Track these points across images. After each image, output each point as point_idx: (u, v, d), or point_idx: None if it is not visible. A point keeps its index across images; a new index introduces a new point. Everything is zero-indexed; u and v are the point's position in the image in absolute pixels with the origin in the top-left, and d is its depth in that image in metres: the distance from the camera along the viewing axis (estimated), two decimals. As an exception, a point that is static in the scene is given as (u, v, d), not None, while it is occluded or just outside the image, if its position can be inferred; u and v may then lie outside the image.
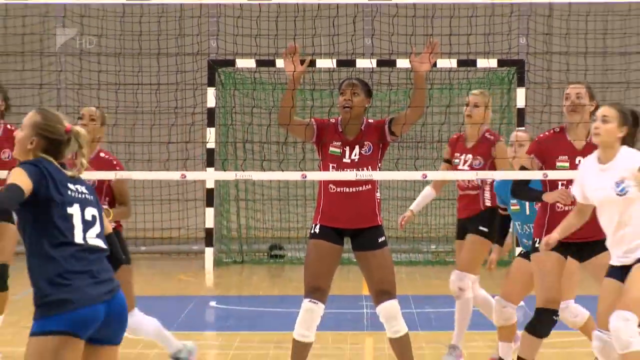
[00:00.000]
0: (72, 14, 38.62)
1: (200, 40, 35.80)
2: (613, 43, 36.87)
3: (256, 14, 26.87)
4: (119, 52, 33.07)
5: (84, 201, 11.20)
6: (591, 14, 34.73)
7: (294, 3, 27.95)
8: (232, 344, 22.23)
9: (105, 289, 10.95)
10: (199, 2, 26.99)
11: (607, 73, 36.03)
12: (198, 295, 29.34)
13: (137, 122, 30.58)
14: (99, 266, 11.01)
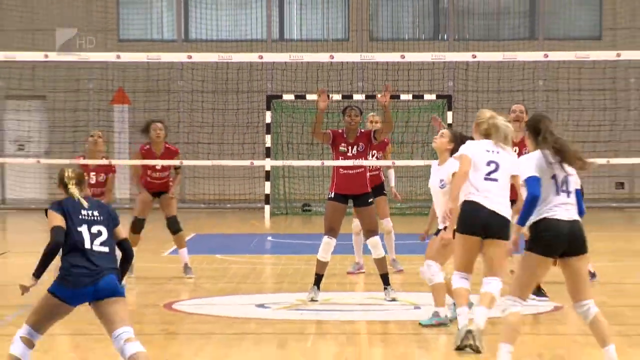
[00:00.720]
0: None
1: (262, 83, 33.62)
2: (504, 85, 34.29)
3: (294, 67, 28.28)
4: (217, 89, 33.48)
5: (92, 221, 10.77)
6: (492, 68, 32.03)
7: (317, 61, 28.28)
8: (280, 262, 22.11)
9: (92, 279, 10.46)
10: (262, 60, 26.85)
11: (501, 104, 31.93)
12: (261, 234, 28.65)
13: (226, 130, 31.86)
14: (99, 260, 10.57)
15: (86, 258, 10.42)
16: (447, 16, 35.55)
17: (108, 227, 10.66)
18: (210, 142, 30.43)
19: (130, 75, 33.88)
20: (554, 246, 11.13)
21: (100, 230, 10.61)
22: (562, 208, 11.14)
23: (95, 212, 10.71)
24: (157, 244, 22.26)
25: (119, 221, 10.82)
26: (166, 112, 30.93)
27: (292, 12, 36.79)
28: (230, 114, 32.62)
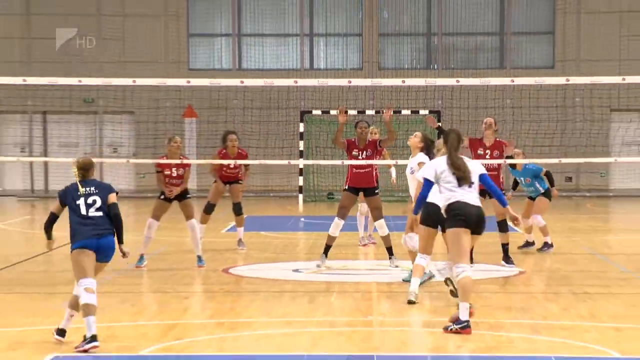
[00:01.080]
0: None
1: (297, 101, 33.29)
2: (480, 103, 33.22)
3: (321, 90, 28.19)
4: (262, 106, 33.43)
5: (88, 193, 10.92)
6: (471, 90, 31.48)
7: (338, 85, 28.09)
8: (310, 238, 21.67)
9: (95, 232, 10.63)
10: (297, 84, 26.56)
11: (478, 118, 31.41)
12: (295, 216, 28.18)
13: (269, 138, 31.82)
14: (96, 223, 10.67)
15: (84, 221, 10.64)
16: (437, 51, 35.52)
17: (102, 198, 10.81)
18: (258, 147, 30.24)
19: (197, 95, 33.80)
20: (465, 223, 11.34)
21: (94, 200, 10.79)
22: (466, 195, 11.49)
23: (92, 188, 10.91)
24: (217, 224, 21.89)
25: (112, 191, 11.02)
26: (224, 124, 30.92)
27: (319, 48, 36.81)
28: (272, 125, 32.54)
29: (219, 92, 32.13)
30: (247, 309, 12.82)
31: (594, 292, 13.91)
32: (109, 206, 10.83)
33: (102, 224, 10.74)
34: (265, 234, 22.16)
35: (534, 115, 32.41)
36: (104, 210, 10.78)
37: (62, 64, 33.74)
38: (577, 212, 28.81)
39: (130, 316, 12.18)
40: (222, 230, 21.82)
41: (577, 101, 33.56)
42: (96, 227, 10.70)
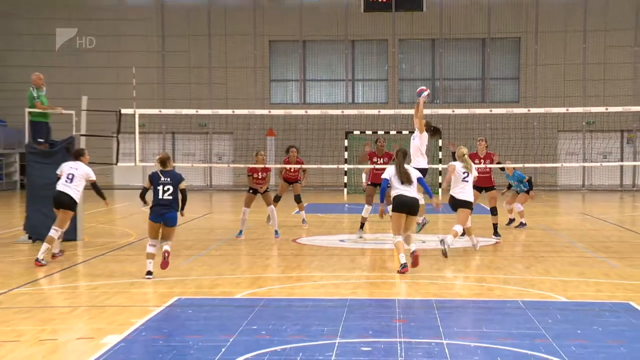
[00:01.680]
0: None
1: (343, 125, 31.55)
2: (469, 127, 33.01)
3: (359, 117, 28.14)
4: (320, 128, 32.86)
5: (164, 182, 11.36)
6: (462, 117, 30.16)
7: (371, 114, 27.65)
8: (351, 219, 21.23)
9: (162, 212, 11.20)
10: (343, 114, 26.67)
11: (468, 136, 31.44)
12: (341, 203, 27.49)
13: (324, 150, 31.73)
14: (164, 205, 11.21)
15: (159, 202, 11.25)
16: (438, 90, 35.36)
17: (174, 186, 11.35)
18: (316, 155, 30.14)
19: (275, 121, 33.86)
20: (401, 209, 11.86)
21: (168, 188, 11.32)
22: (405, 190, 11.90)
23: (167, 178, 11.41)
24: (290, 209, 21.74)
25: (181, 179, 11.55)
26: (294, 141, 30.85)
27: (358, 89, 36.77)
28: (326, 141, 32.03)
29: (290, 119, 32.12)
30: (308, 266, 12.82)
31: (547, 255, 13.85)
32: (180, 190, 11.43)
33: (170, 204, 11.28)
34: (321, 215, 22.00)
35: (506, 135, 32.07)
36: (174, 194, 11.33)
37: (187, 100, 34.22)
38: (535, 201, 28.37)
39: (229, 271, 12.21)
40: (291, 213, 21.52)
41: (535, 125, 33.34)
42: (164, 207, 11.25)
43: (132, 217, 21.95)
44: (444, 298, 9.94)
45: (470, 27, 35.14)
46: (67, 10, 36.13)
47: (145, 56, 35.27)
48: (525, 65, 35.25)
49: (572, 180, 34.48)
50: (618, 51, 34.35)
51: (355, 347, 7.37)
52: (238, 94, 34.98)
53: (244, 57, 35.70)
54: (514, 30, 35.27)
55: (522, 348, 7.31)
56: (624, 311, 9.01)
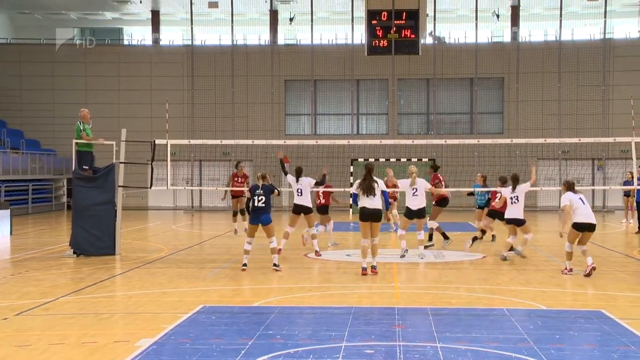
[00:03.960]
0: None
1: (349, 153, 31.44)
2: (460, 155, 33.75)
3: (363, 146, 27.87)
4: (328, 156, 32.62)
5: (259, 194, 12.56)
6: (453, 147, 31.67)
7: (373, 144, 27.42)
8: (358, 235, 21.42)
9: (256, 216, 12.55)
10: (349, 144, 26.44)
11: (458, 163, 33.04)
12: (346, 222, 27.19)
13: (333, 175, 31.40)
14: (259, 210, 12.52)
15: (255, 208, 12.55)
16: (432, 123, 35.36)
17: (266, 195, 12.53)
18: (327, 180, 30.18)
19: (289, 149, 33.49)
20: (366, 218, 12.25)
21: (262, 197, 12.52)
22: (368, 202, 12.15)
23: (261, 191, 12.61)
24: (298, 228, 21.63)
25: (274, 190, 12.80)
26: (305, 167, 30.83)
27: (362, 122, 36.73)
28: (334, 167, 31.10)
29: (302, 148, 31.63)
30: (317, 278, 12.75)
31: (528, 268, 13.76)
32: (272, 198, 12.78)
33: (262, 210, 12.52)
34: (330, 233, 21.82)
35: (491, 162, 31.90)
36: (267, 202, 12.52)
37: (212, 132, 34.26)
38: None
39: (248, 282, 12.16)
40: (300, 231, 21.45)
41: (517, 153, 32.97)
42: (259, 212, 12.51)
43: (164, 234, 21.89)
44: (438, 306, 9.87)
45: (460, 68, 35.14)
46: (113, 55, 36.65)
47: (177, 94, 35.27)
48: (508, 101, 35.16)
49: (550, 202, 34.28)
50: (589, 89, 34.28)
51: (360, 350, 7.35)
52: (257, 126, 35.00)
53: (263, 94, 35.78)
54: (498, 71, 35.24)
55: (506, 351, 7.28)
56: (597, 318, 8.98)
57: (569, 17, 35.63)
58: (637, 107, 19.42)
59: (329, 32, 37.02)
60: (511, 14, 36.17)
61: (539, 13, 36.88)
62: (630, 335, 8.05)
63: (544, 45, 35.52)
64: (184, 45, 36.67)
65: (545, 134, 31.66)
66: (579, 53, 34.56)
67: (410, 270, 13.63)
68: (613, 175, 32.40)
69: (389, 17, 33.02)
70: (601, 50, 34.42)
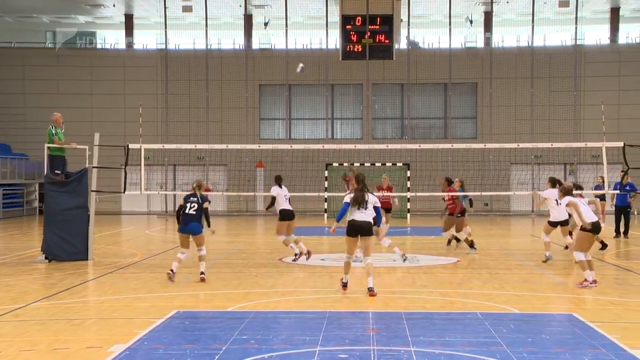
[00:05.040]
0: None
1: (323, 158, 31.67)
2: (433, 159, 33.91)
3: (338, 151, 27.70)
4: (302, 160, 31.97)
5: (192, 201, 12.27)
6: (426, 151, 31.78)
7: (349, 148, 27.44)
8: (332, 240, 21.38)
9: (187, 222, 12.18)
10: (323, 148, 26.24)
11: (432, 167, 32.78)
12: (321, 227, 27.05)
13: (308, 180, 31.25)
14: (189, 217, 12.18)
15: (186, 215, 12.26)
16: (405, 127, 35.52)
17: (198, 203, 12.24)
18: (299, 185, 29.54)
19: (264, 154, 33.69)
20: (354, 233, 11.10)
21: (194, 205, 12.27)
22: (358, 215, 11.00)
23: (195, 199, 12.36)
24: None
25: (206, 200, 12.41)
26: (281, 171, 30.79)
27: (336, 126, 36.84)
28: (309, 172, 31.37)
29: (277, 152, 31.92)
30: (292, 283, 12.72)
31: (502, 273, 13.81)
32: (204, 209, 12.31)
33: (193, 218, 12.23)
34: (304, 237, 21.51)
35: (465, 166, 32.13)
36: (198, 210, 12.23)
37: (186, 136, 34.11)
38: (491, 224, 28.64)
39: (222, 287, 12.09)
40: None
41: (490, 158, 33.14)
42: (188, 219, 12.20)
43: (138, 239, 21.76)
44: (412, 310, 9.85)
45: (434, 73, 35.31)
46: (86, 59, 36.44)
47: (151, 98, 35.07)
48: (481, 106, 35.41)
49: (523, 207, 34.54)
50: (560, 95, 34.64)
51: (334, 355, 7.32)
52: (231, 131, 34.93)
53: (237, 98, 35.75)
54: (471, 76, 35.48)
55: (480, 354, 7.29)
56: (568, 322, 9.04)
57: (541, 23, 35.99)
58: (608, 113, 19.70)
59: (304, 37, 37.12)
60: (484, 20, 36.47)
61: (512, 19, 37.18)
62: (601, 337, 8.10)
63: (516, 50, 35.84)
64: (158, 49, 36.58)
65: (518, 139, 31.82)
66: (551, 59, 34.95)
67: (384, 274, 13.59)
68: (584, 179, 32.72)
69: (363, 22, 33.19)
70: (572, 56, 34.78)
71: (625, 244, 19.93)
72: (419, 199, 31.72)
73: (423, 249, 18.21)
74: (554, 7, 35.77)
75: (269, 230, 20.27)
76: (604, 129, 18.17)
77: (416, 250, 17.84)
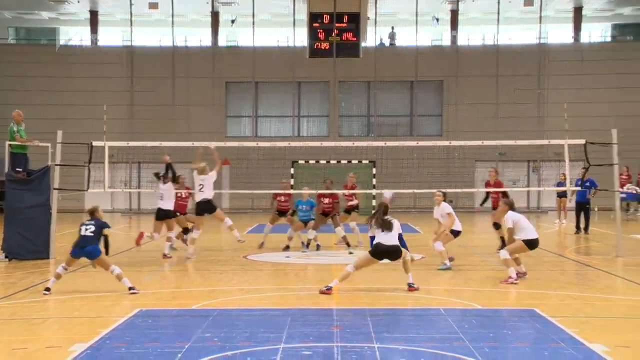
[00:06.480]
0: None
1: (290, 155, 31.74)
2: (399, 157, 34.27)
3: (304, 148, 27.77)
4: (269, 158, 32.67)
5: (88, 224, 11.05)
6: (391, 148, 32.76)
7: (315, 146, 27.25)
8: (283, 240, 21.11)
9: (83, 245, 10.83)
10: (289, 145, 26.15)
11: (397, 164, 34.11)
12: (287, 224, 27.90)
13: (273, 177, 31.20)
14: (85, 239, 10.87)
15: (82, 237, 10.84)
16: (372, 125, 35.67)
17: (95, 228, 10.88)
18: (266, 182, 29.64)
19: (230, 152, 33.24)
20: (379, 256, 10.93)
21: (91, 227, 10.90)
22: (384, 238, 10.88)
23: (92, 221, 11.04)
24: (244, 228, 21.37)
25: (105, 226, 11.09)
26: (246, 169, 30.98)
27: (303, 124, 36.94)
28: (275, 169, 31.33)
29: (243, 150, 31.57)
30: (256, 280, 12.69)
31: (465, 269, 13.86)
32: (103, 236, 11.00)
33: (90, 240, 10.87)
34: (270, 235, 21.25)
35: (431, 164, 32.39)
36: (95, 233, 10.88)
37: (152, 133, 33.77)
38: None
39: (186, 285, 12.08)
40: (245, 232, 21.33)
41: (455, 155, 33.41)
42: (84, 241, 10.88)
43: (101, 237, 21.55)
44: (376, 307, 9.85)
45: (400, 71, 35.53)
46: (50, 55, 35.98)
47: (116, 95, 34.90)
48: (447, 104, 35.73)
49: (487, 204, 34.68)
50: (525, 93, 34.98)
51: (298, 352, 7.31)
52: (198, 128, 34.74)
53: (204, 96, 35.65)
54: (437, 74, 35.76)
55: (443, 350, 7.32)
56: (529, 317, 9.09)
57: (506, 22, 36.46)
58: (571, 111, 19.80)
59: (271, 35, 37.08)
60: (451, 18, 36.84)
61: (478, 17, 37.56)
62: (561, 332, 8.16)
63: (482, 49, 36.23)
64: (124, 46, 36.29)
65: (482, 136, 31.19)
66: (516, 57, 35.36)
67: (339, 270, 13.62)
68: (547, 176, 33.11)
69: (330, 20, 33.24)
70: (537, 54, 35.25)
71: (585, 240, 20.18)
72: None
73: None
74: (519, 6, 36.20)
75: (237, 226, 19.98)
76: (566, 127, 18.37)
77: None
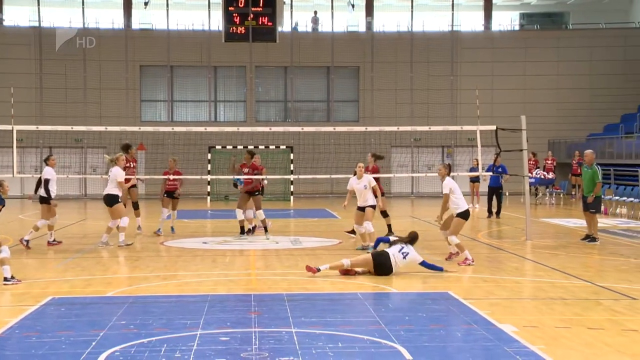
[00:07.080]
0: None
1: (206, 140, 31.53)
2: (316, 142, 34.79)
3: (223, 133, 27.24)
4: (185, 143, 32.12)
5: None
6: (308, 134, 31.62)
7: (231, 131, 27.01)
8: (215, 223, 20.75)
9: None
10: (205, 130, 25.88)
11: (316, 150, 33.96)
12: (204, 209, 27.35)
13: (190, 162, 30.94)
14: None
15: None
16: (289, 110, 35.67)
17: None
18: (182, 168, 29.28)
19: (145, 136, 32.70)
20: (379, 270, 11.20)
21: None
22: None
23: None
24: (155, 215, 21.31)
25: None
26: (162, 155, 30.50)
27: (220, 109, 36.61)
28: (191, 155, 30.74)
29: (159, 135, 31.15)
30: (174, 266, 12.58)
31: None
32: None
33: None
34: (186, 221, 21.43)
35: (347, 149, 32.33)
36: None
37: (63, 117, 32.86)
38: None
39: (101, 272, 11.85)
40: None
41: (372, 141, 33.42)
42: None
43: (10, 224, 20.83)
44: (293, 292, 9.90)
45: (316, 56, 35.56)
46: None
47: (24, 77, 33.84)
48: (363, 90, 35.96)
49: (403, 189, 35.41)
50: (438, 79, 35.59)
51: (215, 338, 7.30)
52: (111, 113, 34.04)
53: (117, 79, 34.84)
54: (353, 60, 35.94)
55: (359, 334, 7.41)
56: (444, 299, 9.30)
57: (420, 9, 36.88)
58: (482, 97, 20.38)
59: (186, 18, 36.50)
60: (366, 4, 37.00)
61: (392, 4, 37.87)
62: (473, 314, 8.39)
63: (396, 35, 36.57)
64: (31, 26, 35.11)
65: (398, 122, 32.31)
66: (429, 44, 35.85)
67: (267, 257, 13.60)
68: (460, 162, 33.88)
69: (246, 4, 32.84)
70: (449, 41, 35.88)
71: (497, 224, 20.73)
72: (302, 181, 32.00)
73: (305, 231, 18.31)
74: (433, -8, 36.79)
75: (151, 214, 19.81)
76: (478, 113, 18.86)
77: (299, 232, 17.93)
